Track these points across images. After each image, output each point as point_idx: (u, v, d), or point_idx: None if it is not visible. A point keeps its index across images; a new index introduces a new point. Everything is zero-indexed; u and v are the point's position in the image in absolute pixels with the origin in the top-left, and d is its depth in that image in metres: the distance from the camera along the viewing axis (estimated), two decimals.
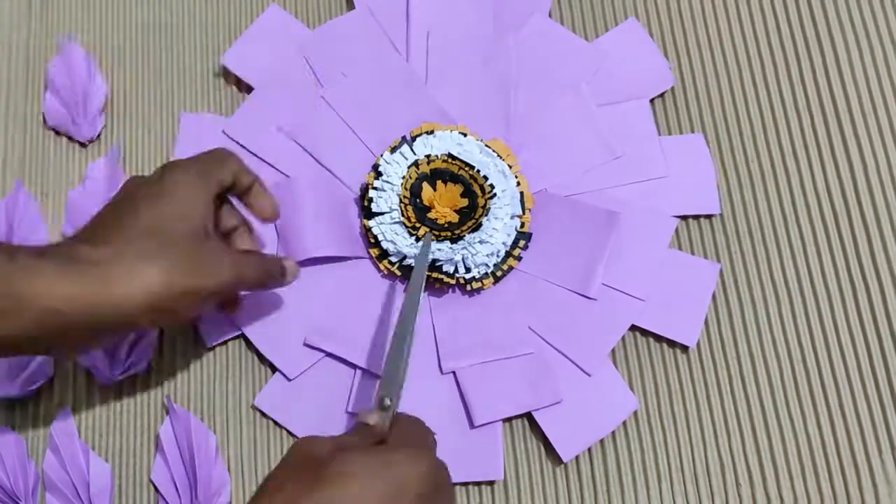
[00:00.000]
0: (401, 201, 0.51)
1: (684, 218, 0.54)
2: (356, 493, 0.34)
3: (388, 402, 0.41)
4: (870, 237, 0.52)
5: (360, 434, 0.39)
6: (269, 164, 0.55)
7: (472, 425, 0.49)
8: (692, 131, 0.55)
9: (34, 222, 0.56)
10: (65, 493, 0.50)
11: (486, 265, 0.51)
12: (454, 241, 0.51)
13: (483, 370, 0.50)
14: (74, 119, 0.57)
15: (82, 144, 0.58)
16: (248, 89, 0.57)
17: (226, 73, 0.58)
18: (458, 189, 0.52)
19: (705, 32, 0.57)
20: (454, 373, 0.51)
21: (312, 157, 0.55)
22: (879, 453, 0.49)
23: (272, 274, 0.46)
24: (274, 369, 0.52)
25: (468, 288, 0.52)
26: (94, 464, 0.50)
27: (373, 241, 0.52)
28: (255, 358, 0.53)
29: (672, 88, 0.56)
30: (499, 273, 0.52)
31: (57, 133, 0.58)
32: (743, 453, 0.49)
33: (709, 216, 0.54)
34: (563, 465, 0.50)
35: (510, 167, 0.53)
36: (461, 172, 0.52)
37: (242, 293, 0.50)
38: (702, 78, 0.57)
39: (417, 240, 0.51)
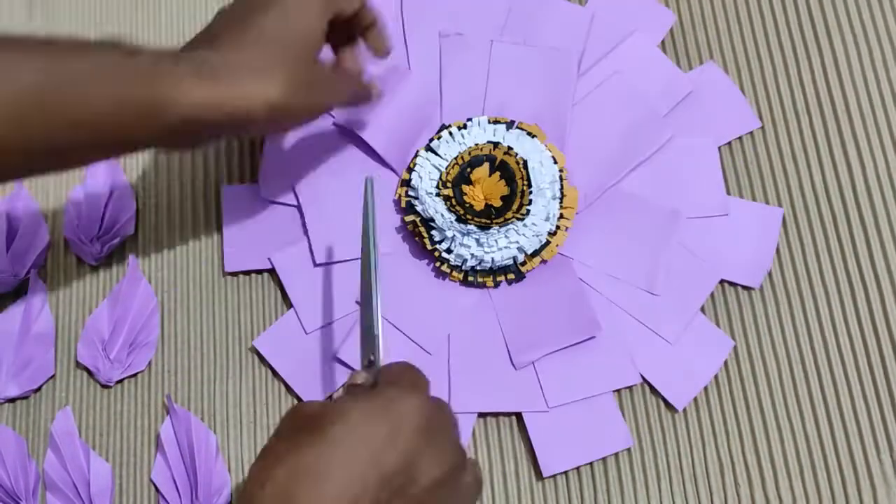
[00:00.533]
0: (457, 158, 0.52)
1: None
2: (355, 438, 0.34)
3: (371, 357, 0.41)
4: (868, 239, 0.53)
5: (351, 395, 0.39)
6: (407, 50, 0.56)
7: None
8: None
9: (34, 222, 0.56)
10: (65, 493, 0.50)
11: (464, 260, 0.51)
12: (460, 220, 0.51)
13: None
14: None
15: None
16: None
17: None
18: (504, 191, 0.52)
19: (704, 34, 0.58)
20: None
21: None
22: (878, 454, 0.49)
23: (362, 98, 0.50)
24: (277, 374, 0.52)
25: (440, 266, 0.52)
26: (95, 463, 0.50)
27: (411, 166, 0.53)
28: (256, 358, 0.53)
29: None
30: (469, 278, 0.52)
31: None
32: (742, 454, 0.49)
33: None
34: None
35: (557, 229, 0.52)
36: (522, 187, 0.51)
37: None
38: None
39: (438, 194, 0.51)
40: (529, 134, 0.53)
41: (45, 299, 0.54)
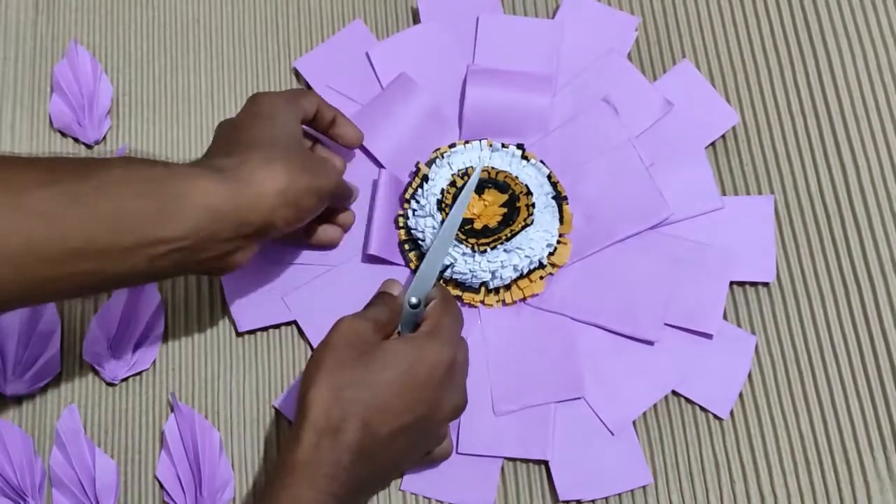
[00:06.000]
0: (453, 181, 0.53)
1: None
2: (391, 373, 0.42)
3: (414, 300, 0.48)
4: (862, 237, 0.53)
5: (380, 302, 0.47)
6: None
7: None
8: None
9: None
10: (71, 490, 0.50)
11: (477, 277, 0.52)
12: (459, 241, 0.51)
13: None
14: (80, 121, 0.58)
15: (88, 146, 0.58)
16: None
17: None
18: (501, 211, 0.52)
19: (700, 35, 0.58)
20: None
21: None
22: (871, 451, 0.49)
23: (351, 190, 0.54)
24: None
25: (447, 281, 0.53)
26: (100, 460, 0.51)
27: (413, 185, 0.54)
28: (259, 356, 0.53)
29: None
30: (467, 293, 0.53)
31: (63, 135, 0.59)
32: (737, 450, 0.50)
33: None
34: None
35: (559, 243, 0.53)
36: (518, 206, 0.52)
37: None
38: None
39: (433, 216, 0.52)
40: (524, 157, 0.54)
41: None
